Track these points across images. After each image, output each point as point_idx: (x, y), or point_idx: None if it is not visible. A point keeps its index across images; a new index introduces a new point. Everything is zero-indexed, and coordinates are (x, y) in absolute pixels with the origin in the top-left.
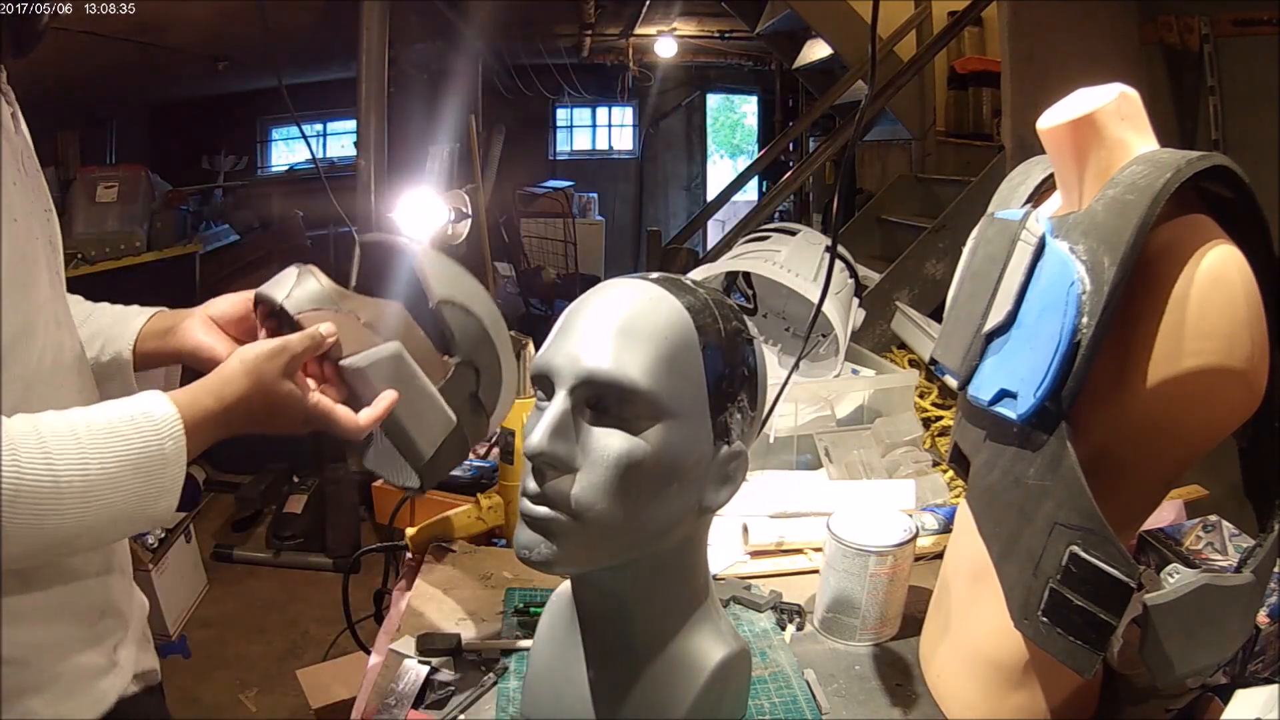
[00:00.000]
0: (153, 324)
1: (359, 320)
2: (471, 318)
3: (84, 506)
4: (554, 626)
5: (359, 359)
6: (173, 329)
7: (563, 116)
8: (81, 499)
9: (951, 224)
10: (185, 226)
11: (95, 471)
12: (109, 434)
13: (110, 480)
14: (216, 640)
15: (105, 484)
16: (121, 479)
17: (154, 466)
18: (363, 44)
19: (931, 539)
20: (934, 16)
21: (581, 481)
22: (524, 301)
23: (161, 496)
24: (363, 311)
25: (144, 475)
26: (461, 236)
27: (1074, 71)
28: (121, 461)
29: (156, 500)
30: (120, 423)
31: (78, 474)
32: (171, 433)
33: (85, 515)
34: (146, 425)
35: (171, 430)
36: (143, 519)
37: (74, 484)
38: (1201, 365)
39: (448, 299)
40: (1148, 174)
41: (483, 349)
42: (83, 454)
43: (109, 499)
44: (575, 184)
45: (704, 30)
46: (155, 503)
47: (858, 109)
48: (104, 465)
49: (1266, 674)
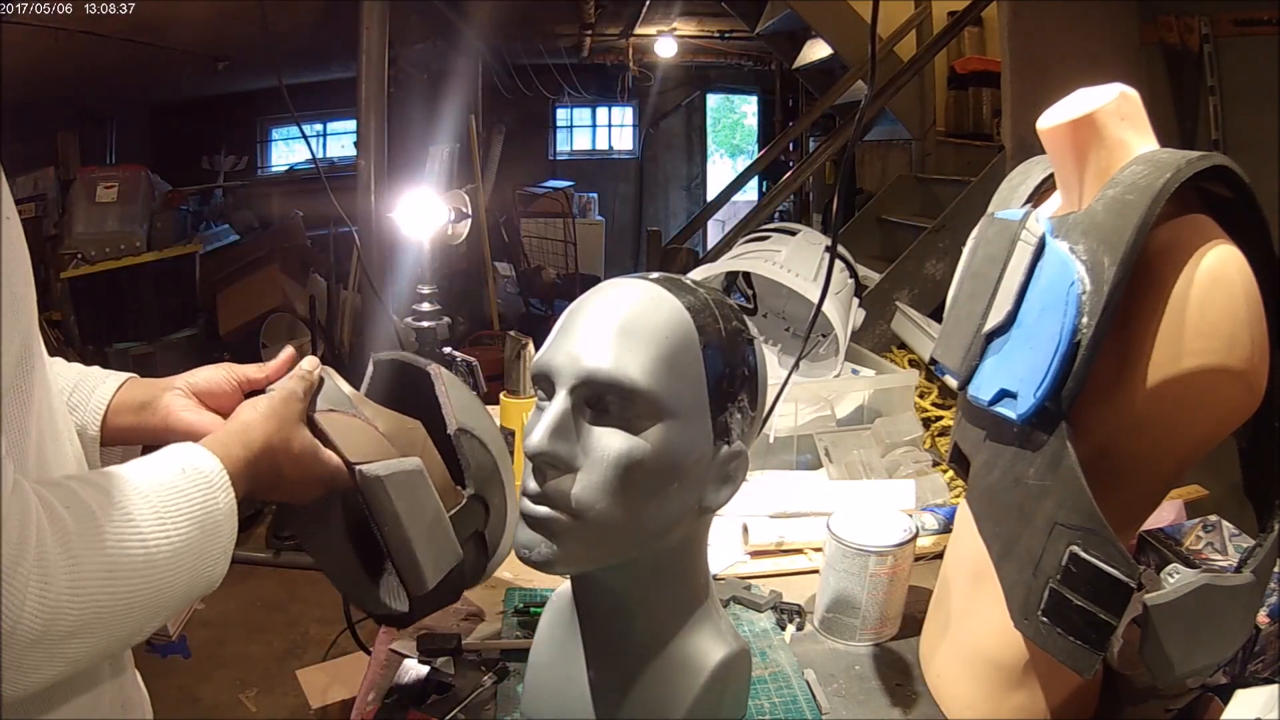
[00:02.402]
0: (124, 395)
1: (376, 429)
2: (486, 452)
3: (173, 575)
4: (554, 626)
5: (377, 467)
6: (150, 405)
7: (563, 116)
8: (170, 568)
9: (951, 224)
10: (185, 226)
11: (177, 536)
12: (174, 492)
13: (188, 544)
14: (216, 640)
15: (186, 549)
16: (193, 541)
17: (213, 524)
18: (363, 44)
19: (931, 539)
20: (934, 16)
21: (582, 481)
22: (524, 301)
23: (221, 558)
24: (379, 421)
25: (211, 535)
26: (461, 236)
27: (1074, 71)
28: (191, 521)
29: (216, 562)
30: (178, 478)
31: (163, 540)
32: (223, 485)
33: (173, 584)
34: (201, 481)
35: (223, 484)
36: (203, 583)
37: (162, 550)
38: (1201, 365)
39: (466, 429)
40: (1148, 174)
41: (494, 485)
42: (160, 517)
43: (188, 564)
44: (575, 184)
45: (704, 30)
46: (215, 565)
47: (858, 109)
48: (179, 528)
49: (1266, 674)
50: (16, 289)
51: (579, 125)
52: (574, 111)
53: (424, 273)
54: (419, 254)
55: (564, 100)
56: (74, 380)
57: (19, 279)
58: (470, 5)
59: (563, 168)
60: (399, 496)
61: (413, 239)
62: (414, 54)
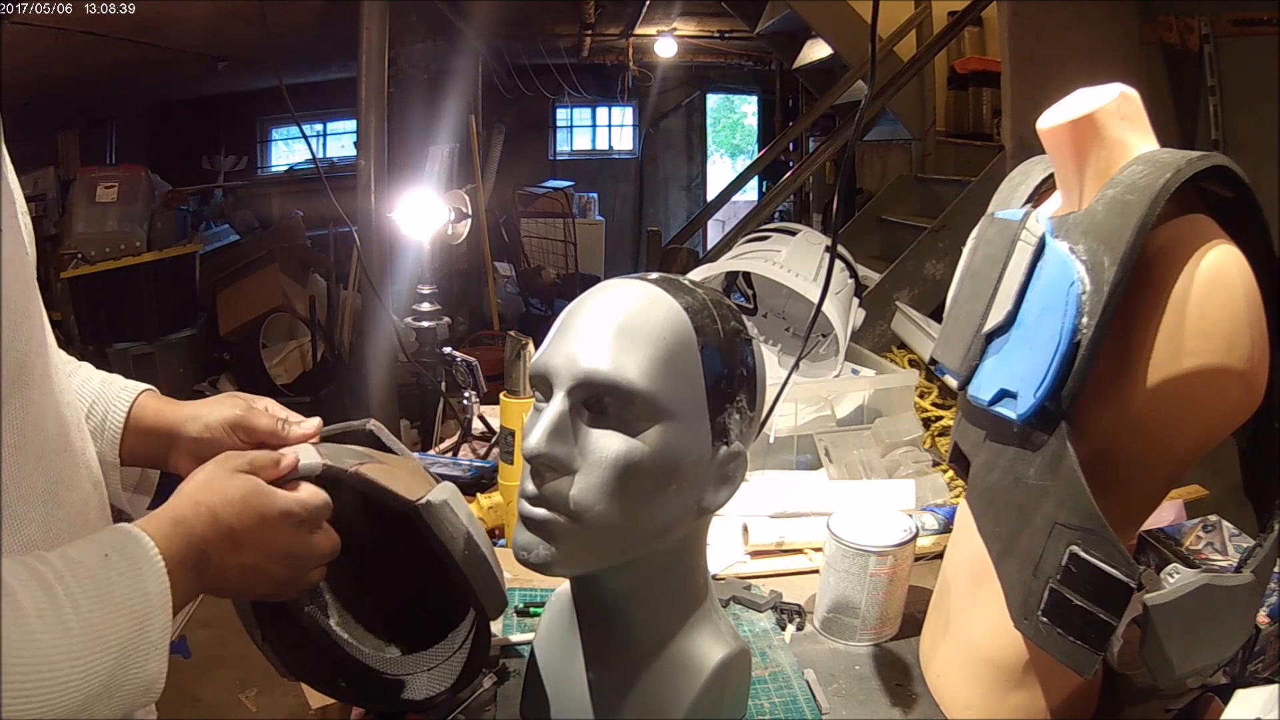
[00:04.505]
0: (142, 420)
1: (404, 467)
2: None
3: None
4: (554, 626)
5: (432, 495)
6: (157, 435)
7: (563, 116)
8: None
9: (951, 224)
10: (185, 226)
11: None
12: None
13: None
14: (216, 640)
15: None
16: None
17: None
18: (363, 44)
19: (931, 539)
20: (934, 16)
21: (580, 483)
22: (524, 301)
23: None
24: (393, 463)
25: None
26: (461, 236)
27: (1074, 71)
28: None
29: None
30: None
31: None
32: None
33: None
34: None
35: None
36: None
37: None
38: (1201, 365)
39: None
40: (1148, 174)
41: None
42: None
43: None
44: (575, 184)
45: (704, 30)
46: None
47: (858, 109)
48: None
49: (1266, 674)
50: (14, 304)
51: (579, 125)
52: (574, 111)
53: (424, 273)
54: (419, 254)
55: (564, 100)
56: (90, 398)
57: (17, 294)
58: (470, 5)
59: (563, 168)
60: (464, 515)
61: (413, 239)
62: (414, 54)
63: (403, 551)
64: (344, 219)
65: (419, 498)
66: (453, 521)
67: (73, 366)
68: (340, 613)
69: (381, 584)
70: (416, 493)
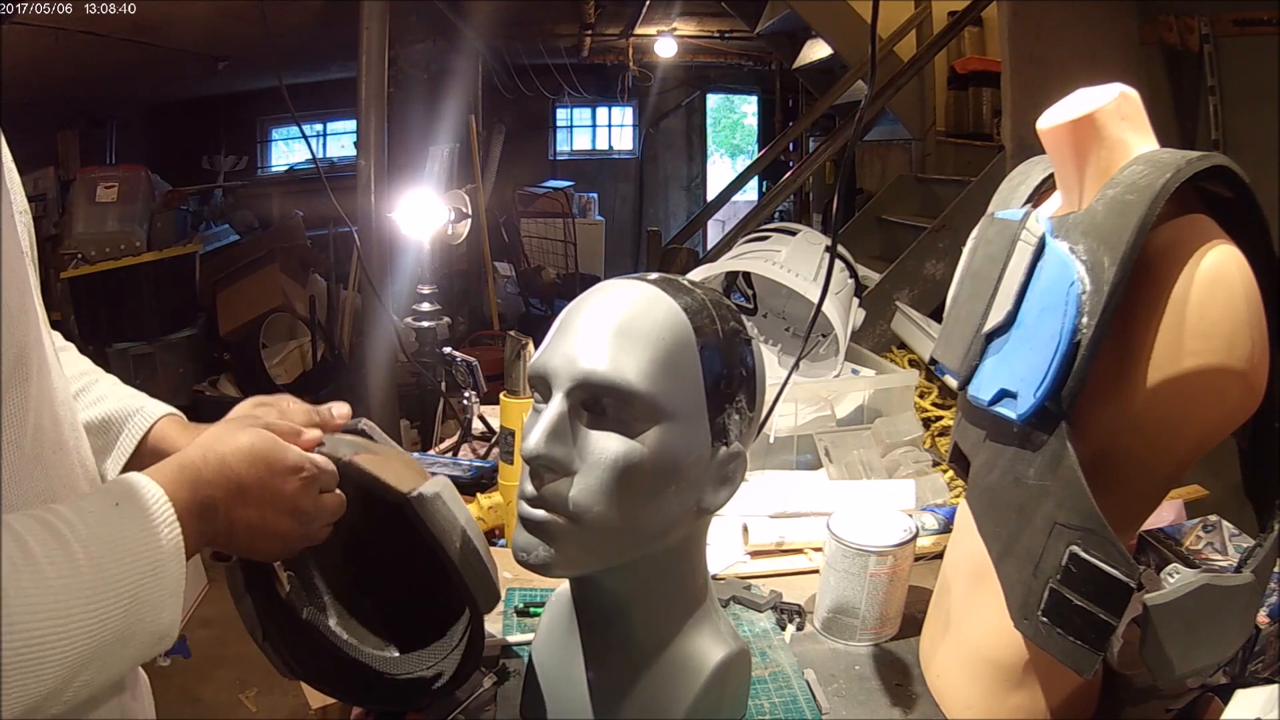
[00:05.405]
0: (160, 447)
1: (397, 460)
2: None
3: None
4: (554, 627)
5: (425, 488)
6: None
7: (563, 116)
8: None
9: (951, 224)
10: (185, 226)
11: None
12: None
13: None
14: (216, 640)
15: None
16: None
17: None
18: (363, 44)
19: (931, 539)
20: (934, 16)
21: (579, 484)
22: (524, 301)
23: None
24: (387, 455)
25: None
26: (461, 236)
27: (1074, 71)
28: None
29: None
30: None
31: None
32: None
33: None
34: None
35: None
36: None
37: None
38: (1201, 365)
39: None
40: (1148, 174)
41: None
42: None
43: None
44: (575, 184)
45: (704, 30)
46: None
47: (858, 109)
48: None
49: (1266, 674)
50: (11, 302)
51: (579, 125)
52: (574, 111)
53: (424, 273)
54: (419, 254)
55: (564, 100)
56: (104, 416)
57: (13, 292)
58: (470, 5)
59: (563, 168)
60: (458, 510)
61: (413, 239)
62: (414, 54)
63: (400, 550)
64: (344, 219)
65: (412, 489)
66: (445, 515)
67: (95, 375)
68: (340, 613)
69: (380, 583)
70: (409, 485)
